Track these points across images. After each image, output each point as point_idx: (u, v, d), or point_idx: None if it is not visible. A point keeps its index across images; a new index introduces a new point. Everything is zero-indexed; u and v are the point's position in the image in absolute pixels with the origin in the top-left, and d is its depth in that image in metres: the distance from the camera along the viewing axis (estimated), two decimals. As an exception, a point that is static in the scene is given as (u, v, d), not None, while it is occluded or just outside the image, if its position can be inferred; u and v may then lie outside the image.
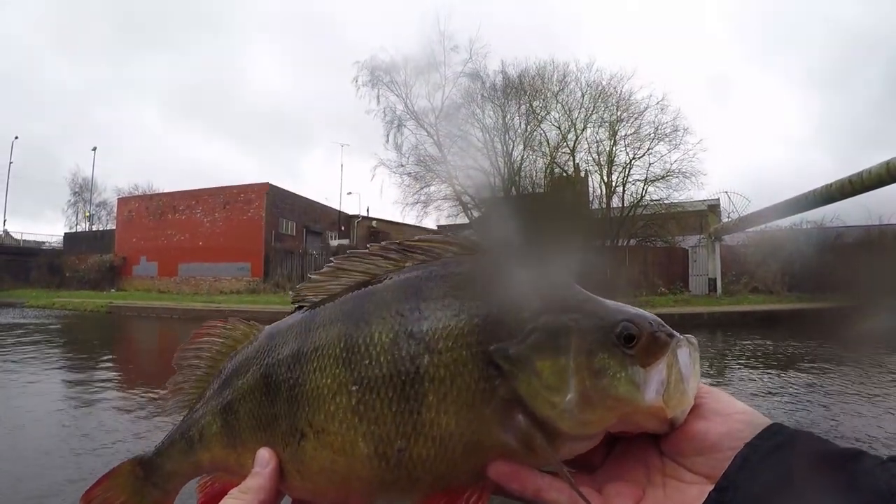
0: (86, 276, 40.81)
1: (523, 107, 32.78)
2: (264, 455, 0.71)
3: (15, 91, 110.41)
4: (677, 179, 29.87)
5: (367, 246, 0.75)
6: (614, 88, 31.61)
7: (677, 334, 0.66)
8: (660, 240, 30.18)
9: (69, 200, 61.75)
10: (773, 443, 0.56)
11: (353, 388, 0.66)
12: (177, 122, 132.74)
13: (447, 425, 0.63)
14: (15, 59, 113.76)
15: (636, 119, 31.18)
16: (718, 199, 27.14)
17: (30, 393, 8.89)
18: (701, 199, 29.79)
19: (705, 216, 25.98)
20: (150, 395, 8.37)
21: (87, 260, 41.97)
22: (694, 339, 0.67)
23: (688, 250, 26.77)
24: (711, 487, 0.57)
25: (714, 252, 24.00)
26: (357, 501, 0.69)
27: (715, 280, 24.27)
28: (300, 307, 0.77)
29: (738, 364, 11.16)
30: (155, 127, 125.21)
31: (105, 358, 13.52)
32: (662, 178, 30.13)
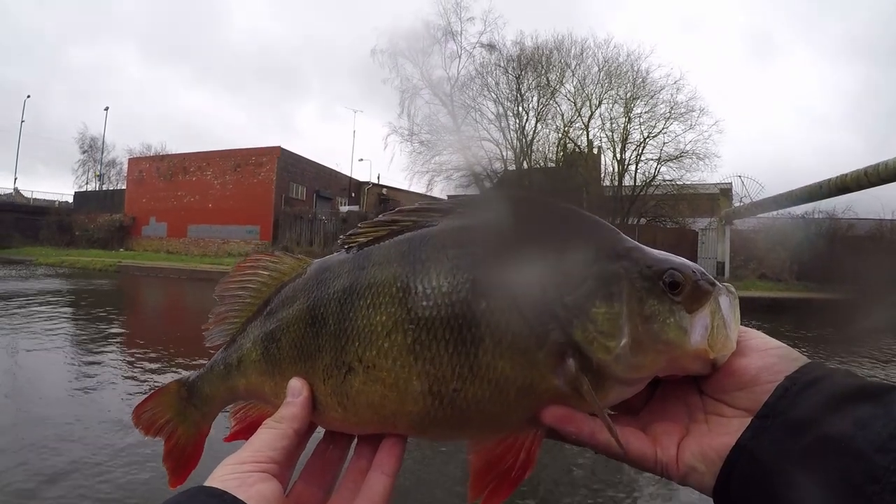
0: (95, 235, 40.96)
1: (539, 79, 32.54)
2: (296, 385, 0.73)
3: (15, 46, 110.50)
4: (691, 160, 29.72)
5: (416, 203, 0.77)
6: (631, 66, 31.35)
7: (718, 283, 0.69)
8: (670, 220, 30.06)
9: (79, 160, 61.75)
10: (812, 376, 0.59)
11: (410, 327, 0.67)
12: (189, 84, 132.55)
13: (502, 369, 0.65)
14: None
15: (652, 98, 30.92)
16: (731, 184, 27.04)
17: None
18: (714, 182, 29.65)
19: (717, 199, 25.84)
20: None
21: (96, 219, 42.10)
22: (733, 289, 0.70)
23: (698, 232, 26.64)
24: (752, 418, 0.60)
25: (724, 235, 23.85)
26: (401, 433, 0.72)
27: (723, 264, 24.09)
28: (348, 249, 0.78)
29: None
30: (166, 87, 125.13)
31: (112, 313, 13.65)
32: (676, 158, 30.03)
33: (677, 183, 30.20)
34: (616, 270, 0.66)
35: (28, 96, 62.05)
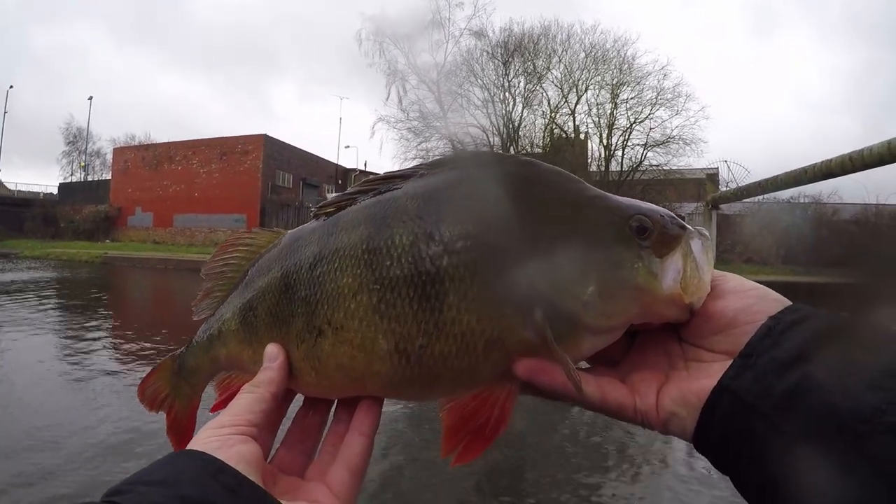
0: (81, 226, 40.72)
1: (526, 65, 32.54)
2: (272, 350, 0.74)
3: None
4: (677, 146, 29.85)
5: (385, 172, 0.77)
6: (617, 52, 31.42)
7: (689, 226, 0.68)
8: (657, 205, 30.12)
9: (63, 150, 60.94)
10: (797, 315, 0.57)
11: (375, 286, 0.67)
12: (172, 73, 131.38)
13: (468, 323, 0.64)
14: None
15: (638, 83, 31.02)
16: (717, 169, 27.11)
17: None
18: (700, 167, 29.75)
19: (703, 184, 25.89)
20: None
21: (81, 210, 41.83)
22: (706, 232, 0.69)
23: (684, 217, 26.58)
24: (734, 358, 0.58)
25: (711, 220, 23.84)
26: (374, 394, 0.72)
27: (710, 248, 23.77)
28: (318, 218, 0.79)
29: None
30: (148, 77, 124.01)
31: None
32: (662, 143, 30.17)
33: (664, 168, 30.36)
34: (580, 218, 0.66)
35: (11, 87, 60.72)
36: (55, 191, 51.72)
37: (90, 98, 59.96)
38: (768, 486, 0.53)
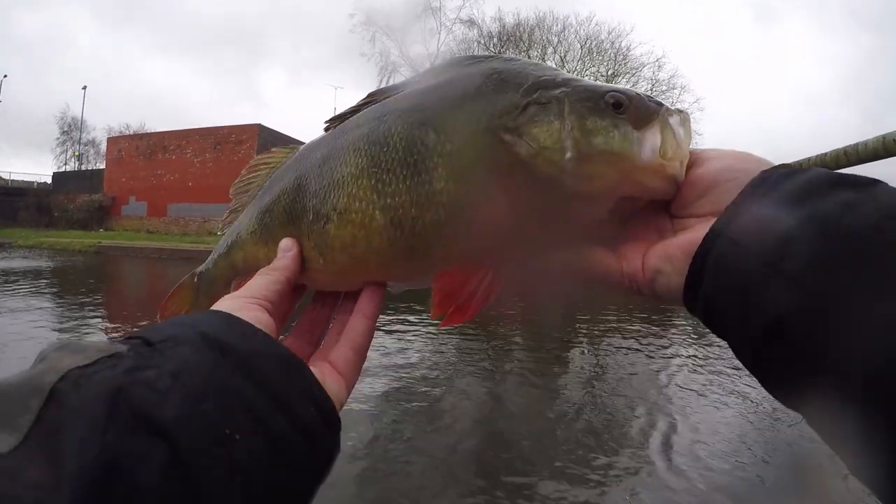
0: (75, 215, 40.49)
1: (520, 55, 32.47)
2: (287, 242, 0.80)
3: None
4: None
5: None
6: (612, 43, 31.39)
7: (666, 104, 0.69)
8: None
9: (57, 139, 60.65)
10: (789, 169, 0.55)
11: (374, 170, 0.74)
12: (163, 62, 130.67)
13: (456, 192, 0.69)
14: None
15: (633, 75, 30.99)
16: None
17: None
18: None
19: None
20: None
21: (75, 199, 41.59)
22: (684, 110, 0.70)
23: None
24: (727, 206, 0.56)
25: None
26: (376, 276, 0.77)
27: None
28: (329, 129, 0.86)
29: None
30: (142, 66, 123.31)
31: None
32: (657, 135, 30.09)
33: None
34: (556, 94, 0.68)
35: (5, 76, 60.14)
36: (49, 180, 51.47)
37: (84, 87, 59.74)
38: (766, 338, 0.49)
